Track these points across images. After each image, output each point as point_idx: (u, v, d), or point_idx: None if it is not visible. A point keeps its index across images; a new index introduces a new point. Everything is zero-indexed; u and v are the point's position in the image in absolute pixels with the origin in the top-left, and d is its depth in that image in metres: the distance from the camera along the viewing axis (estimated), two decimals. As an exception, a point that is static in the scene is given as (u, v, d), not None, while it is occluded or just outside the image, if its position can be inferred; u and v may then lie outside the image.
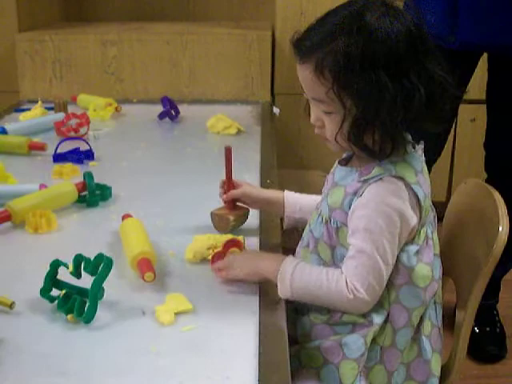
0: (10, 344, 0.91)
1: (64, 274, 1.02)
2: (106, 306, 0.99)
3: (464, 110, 2.43)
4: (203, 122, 2.02)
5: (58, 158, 1.68)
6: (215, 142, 1.92)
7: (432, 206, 1.08)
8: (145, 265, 1.06)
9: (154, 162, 1.74)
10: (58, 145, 1.70)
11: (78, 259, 1.01)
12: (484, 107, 1.86)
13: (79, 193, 1.41)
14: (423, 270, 1.03)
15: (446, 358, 1.15)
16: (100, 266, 0.98)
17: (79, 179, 1.45)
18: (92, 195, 1.41)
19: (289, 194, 1.27)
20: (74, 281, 1.02)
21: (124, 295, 1.03)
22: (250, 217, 1.29)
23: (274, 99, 2.53)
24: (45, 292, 1.01)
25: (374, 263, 0.98)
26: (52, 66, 2.45)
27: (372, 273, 0.98)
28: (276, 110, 2.32)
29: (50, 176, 1.57)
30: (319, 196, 1.16)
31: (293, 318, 1.08)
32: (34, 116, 2.07)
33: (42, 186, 1.43)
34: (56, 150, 1.69)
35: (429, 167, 1.12)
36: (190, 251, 1.15)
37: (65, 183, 1.45)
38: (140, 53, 2.44)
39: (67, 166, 1.59)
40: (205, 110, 2.25)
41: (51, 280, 1.01)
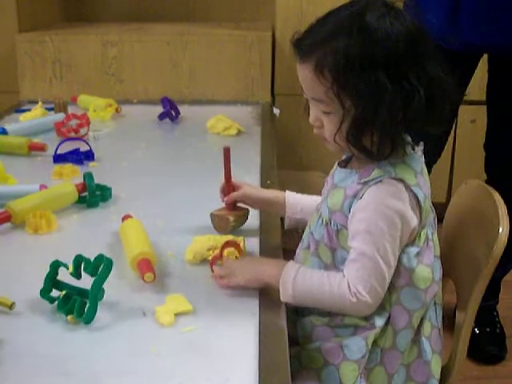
0: (10, 344, 0.91)
1: (64, 275, 1.02)
2: (106, 306, 0.99)
3: (464, 111, 2.43)
4: (203, 123, 2.02)
5: (58, 159, 1.68)
6: (215, 143, 1.91)
7: (432, 207, 1.08)
8: (145, 265, 1.06)
9: (154, 163, 1.74)
10: (58, 145, 1.70)
11: (78, 260, 1.01)
12: (484, 108, 1.86)
13: (79, 193, 1.41)
14: (424, 271, 1.03)
15: (446, 359, 1.15)
16: (100, 266, 0.98)
17: (79, 180, 1.45)
18: (92, 196, 1.41)
19: (290, 194, 1.26)
20: (74, 281, 1.02)
21: (124, 296, 1.03)
22: (250, 217, 1.29)
23: (274, 100, 2.53)
24: (45, 293, 1.01)
25: (376, 266, 0.98)
26: (52, 67, 2.44)
27: (374, 275, 0.98)
28: (276, 111, 2.32)
29: (50, 177, 1.57)
30: (320, 197, 1.15)
31: (293, 319, 1.08)
32: (34, 116, 2.07)
33: (42, 186, 1.43)
34: (56, 150, 1.69)
35: (429, 168, 1.11)
36: (190, 252, 1.15)
37: (65, 184, 1.45)
38: (140, 53, 2.44)
39: (67, 167, 1.59)
40: (205, 110, 2.25)
41: (51, 281, 1.01)
